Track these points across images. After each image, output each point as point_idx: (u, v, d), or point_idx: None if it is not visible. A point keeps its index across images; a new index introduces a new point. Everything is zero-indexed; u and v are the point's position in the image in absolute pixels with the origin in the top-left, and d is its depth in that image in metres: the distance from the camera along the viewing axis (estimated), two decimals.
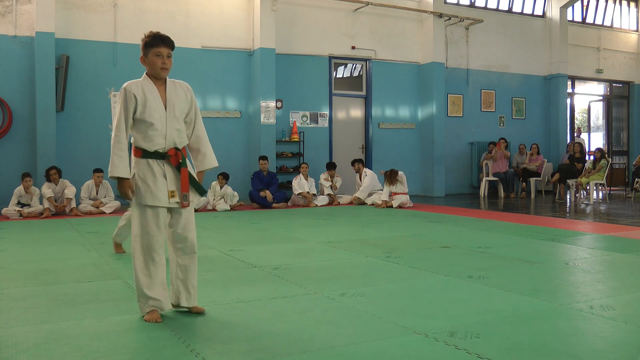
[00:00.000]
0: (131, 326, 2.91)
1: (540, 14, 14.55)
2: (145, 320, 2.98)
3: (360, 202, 10.56)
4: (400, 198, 9.78)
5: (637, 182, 12.08)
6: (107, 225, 7.54)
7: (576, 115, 17.36)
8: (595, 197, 11.47)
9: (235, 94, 11.12)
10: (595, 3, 15.61)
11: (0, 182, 9.29)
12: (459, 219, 7.96)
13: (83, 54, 9.92)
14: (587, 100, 16.84)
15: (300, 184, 10.40)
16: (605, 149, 15.75)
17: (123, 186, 2.99)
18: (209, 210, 9.47)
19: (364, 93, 12.45)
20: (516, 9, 14.25)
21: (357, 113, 12.45)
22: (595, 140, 17.16)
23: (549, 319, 3.02)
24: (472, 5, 13.60)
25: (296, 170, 11.08)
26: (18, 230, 7.03)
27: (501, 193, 12.39)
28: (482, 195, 12.37)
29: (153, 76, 3.07)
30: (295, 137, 11.41)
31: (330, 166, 10.90)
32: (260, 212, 9.21)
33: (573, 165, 11.87)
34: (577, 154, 12.28)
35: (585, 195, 11.72)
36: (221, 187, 9.68)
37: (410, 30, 12.78)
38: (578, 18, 15.38)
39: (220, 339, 2.70)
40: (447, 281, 3.95)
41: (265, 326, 2.91)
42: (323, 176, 10.85)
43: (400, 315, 3.07)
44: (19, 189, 8.69)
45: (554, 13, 14.36)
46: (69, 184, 8.94)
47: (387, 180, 9.96)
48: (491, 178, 12.54)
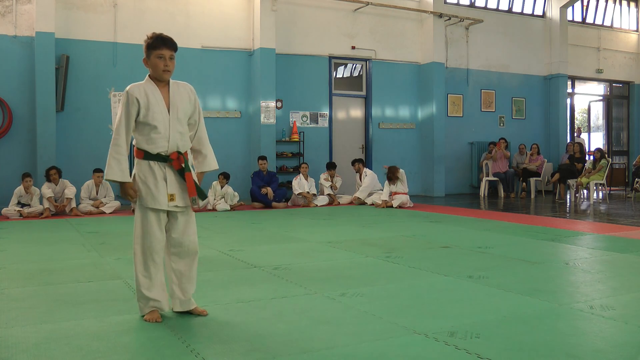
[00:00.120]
0: (131, 326, 2.91)
1: (540, 14, 14.56)
2: (146, 320, 2.98)
3: (360, 202, 10.56)
4: (400, 198, 9.78)
5: (637, 182, 12.08)
6: (107, 225, 7.55)
7: (576, 115, 17.36)
8: (595, 197, 11.47)
9: (235, 94, 11.12)
10: (595, 3, 15.61)
11: (0, 182, 9.29)
12: (459, 219, 7.96)
13: (83, 54, 9.92)
14: (587, 100, 16.85)
15: (300, 184, 10.40)
16: (605, 149, 15.75)
17: (125, 188, 2.98)
18: (209, 210, 9.47)
19: (364, 93, 12.45)
20: (516, 9, 14.25)
21: (357, 113, 12.45)
22: (595, 140, 17.17)
23: (549, 319, 3.01)
24: (472, 5, 13.60)
25: (296, 170, 11.08)
26: (18, 230, 7.03)
27: (501, 193, 12.39)
28: (482, 195, 12.37)
29: (156, 78, 3.05)
30: (295, 137, 11.41)
31: (330, 166, 10.90)
32: (260, 212, 9.21)
33: (573, 165, 11.87)
34: (577, 154, 12.28)
35: (586, 195, 11.72)
36: (222, 187, 9.69)
37: (410, 30, 12.79)
38: (578, 18, 15.38)
39: (220, 339, 2.70)
40: (447, 281, 3.94)
41: (265, 326, 2.90)
42: (323, 176, 10.85)
43: (400, 315, 3.07)
44: (19, 189, 8.69)
45: (554, 13, 14.36)
46: (69, 184, 8.94)
47: (388, 178, 9.96)
48: (491, 178, 12.54)
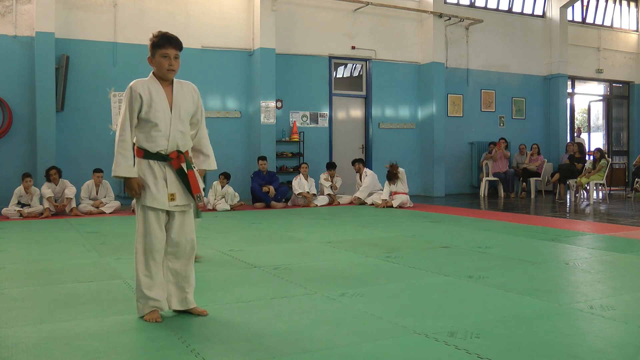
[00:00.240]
0: (131, 326, 2.91)
1: (540, 14, 14.55)
2: (145, 320, 2.97)
3: (360, 202, 10.55)
4: (401, 198, 9.78)
5: (637, 182, 12.08)
6: (107, 225, 7.55)
7: (576, 115, 17.35)
8: (595, 197, 11.47)
9: (235, 94, 11.12)
10: (595, 3, 15.61)
11: (0, 182, 9.29)
12: (459, 219, 7.96)
13: (83, 54, 9.92)
14: (587, 100, 16.84)
15: (300, 184, 10.40)
16: (605, 149, 15.75)
17: (131, 183, 2.96)
18: (209, 210, 9.47)
19: (364, 93, 12.45)
20: (516, 9, 14.25)
21: (357, 113, 12.44)
22: (595, 140, 17.16)
23: (549, 319, 3.01)
24: (472, 5, 13.60)
25: (296, 170, 11.08)
26: (18, 230, 7.03)
27: (501, 193, 12.39)
28: (482, 195, 12.37)
29: (160, 77, 3.05)
30: (295, 137, 11.40)
31: (330, 166, 10.90)
32: (260, 212, 9.21)
33: (573, 165, 11.87)
34: (577, 154, 12.28)
35: (586, 195, 11.72)
36: (222, 187, 9.69)
37: (410, 30, 12.78)
38: (578, 18, 15.37)
39: (220, 339, 2.70)
40: (447, 281, 3.94)
41: (265, 326, 2.90)
42: (323, 176, 10.85)
43: (400, 315, 3.07)
44: (19, 189, 8.69)
45: (554, 13, 14.36)
46: (69, 184, 8.94)
47: (388, 177, 9.97)
48: (491, 178, 12.54)
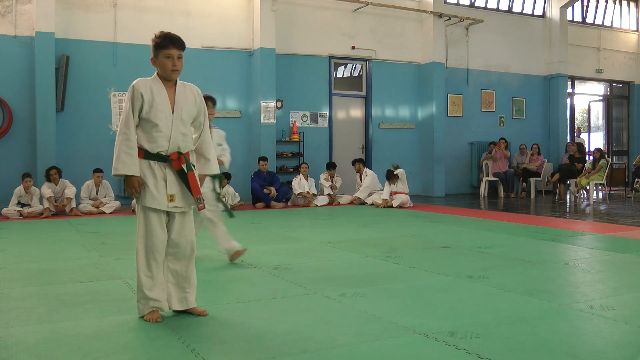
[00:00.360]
0: (131, 326, 2.91)
1: (540, 14, 14.55)
2: (146, 320, 2.97)
3: (360, 202, 10.55)
4: (401, 197, 9.78)
5: (637, 182, 12.08)
6: (107, 225, 7.55)
7: (576, 115, 17.35)
8: (595, 197, 11.46)
9: (235, 94, 11.12)
10: (595, 3, 15.60)
11: (0, 182, 9.29)
12: (459, 219, 7.96)
13: (83, 54, 9.92)
14: (587, 100, 16.84)
15: (300, 184, 10.40)
16: (605, 149, 15.75)
17: (132, 181, 2.93)
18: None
19: (364, 93, 12.45)
20: (516, 9, 14.24)
21: (357, 113, 12.44)
22: (595, 140, 17.16)
23: (549, 319, 3.01)
24: (472, 5, 13.60)
25: (296, 170, 11.08)
26: (18, 230, 7.03)
27: (501, 193, 12.39)
28: (482, 195, 12.36)
29: (164, 77, 3.04)
30: (295, 137, 11.40)
31: (330, 166, 10.90)
32: (260, 212, 9.21)
33: (573, 165, 11.87)
34: (577, 153, 12.28)
35: (586, 195, 11.71)
36: (222, 187, 9.69)
37: (410, 30, 12.78)
38: (578, 18, 15.37)
39: (220, 339, 2.70)
40: (447, 281, 3.94)
41: (265, 326, 2.90)
42: (323, 176, 10.85)
43: (400, 315, 3.07)
44: (19, 189, 8.68)
45: (554, 13, 14.35)
46: (69, 184, 8.94)
47: (387, 177, 10.00)
48: (491, 178, 12.53)
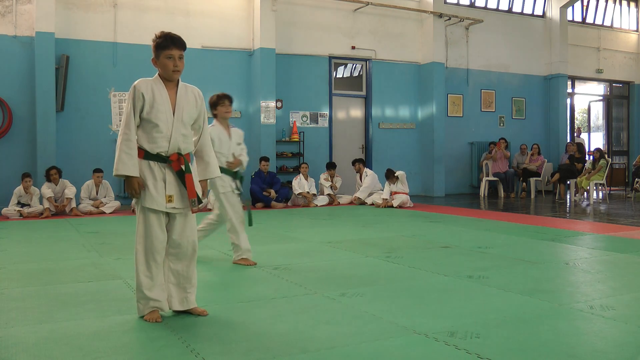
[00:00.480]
0: (131, 326, 2.91)
1: (540, 14, 14.55)
2: (146, 320, 2.97)
3: (360, 202, 10.55)
4: (401, 197, 9.78)
5: (637, 182, 12.08)
6: (107, 225, 7.54)
7: (576, 115, 17.35)
8: (595, 197, 11.46)
9: (235, 94, 11.06)
10: (595, 3, 15.60)
11: (0, 182, 9.29)
12: (459, 219, 7.96)
13: (83, 54, 9.92)
14: (587, 100, 16.84)
15: (300, 184, 10.40)
16: (605, 149, 15.75)
17: (132, 182, 2.94)
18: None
19: (364, 93, 12.45)
20: (516, 9, 14.24)
21: (357, 113, 12.44)
22: (595, 140, 17.16)
23: (549, 319, 3.01)
24: (472, 5, 13.60)
25: (296, 170, 11.08)
26: (18, 230, 7.03)
27: (501, 193, 12.39)
28: (482, 195, 12.36)
29: (165, 78, 3.03)
30: (295, 137, 11.40)
31: (330, 166, 10.90)
32: (260, 212, 9.21)
33: (573, 165, 11.87)
34: (577, 153, 12.28)
35: (586, 195, 11.71)
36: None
37: (410, 30, 12.78)
38: (578, 18, 15.37)
39: (220, 339, 2.70)
40: (447, 281, 3.94)
41: (265, 326, 2.90)
42: (323, 176, 10.85)
43: (400, 315, 3.07)
44: (19, 189, 8.68)
45: (554, 13, 14.35)
46: (69, 184, 8.94)
47: (386, 177, 10.03)
48: (491, 178, 12.53)
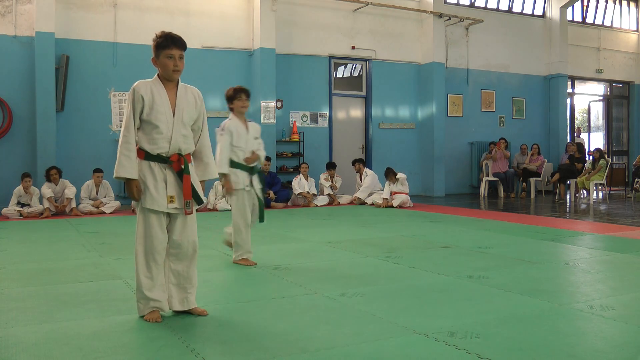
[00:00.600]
0: (131, 326, 2.91)
1: (540, 14, 14.55)
2: (146, 320, 2.97)
3: (360, 202, 10.56)
4: (401, 197, 9.79)
5: (637, 182, 12.08)
6: (107, 225, 7.55)
7: (576, 115, 17.35)
8: (595, 197, 11.46)
9: None
10: (595, 3, 15.60)
11: (0, 182, 9.29)
12: (459, 219, 7.96)
13: (83, 54, 9.92)
14: (587, 100, 16.84)
15: (300, 184, 10.41)
16: (605, 149, 15.75)
17: (130, 186, 2.96)
18: (210, 210, 9.46)
19: (364, 93, 12.45)
20: (516, 9, 14.24)
21: (357, 113, 12.44)
22: (595, 140, 17.16)
23: (549, 319, 3.01)
24: (472, 5, 13.60)
25: (296, 170, 11.08)
26: (18, 230, 7.03)
27: (501, 193, 12.39)
28: (482, 195, 12.36)
29: (165, 78, 3.03)
30: (295, 137, 11.40)
31: (330, 166, 10.90)
32: None
33: (573, 165, 11.87)
34: (577, 153, 12.28)
35: (586, 195, 11.71)
36: (223, 187, 9.67)
37: (410, 30, 12.78)
38: (578, 18, 15.37)
39: (220, 339, 2.70)
40: (447, 281, 3.94)
41: (265, 326, 2.90)
42: (323, 176, 10.85)
43: (400, 315, 3.07)
44: (19, 189, 8.68)
45: (554, 13, 14.35)
46: (69, 184, 8.94)
47: (385, 175, 10.05)
48: (491, 178, 12.53)
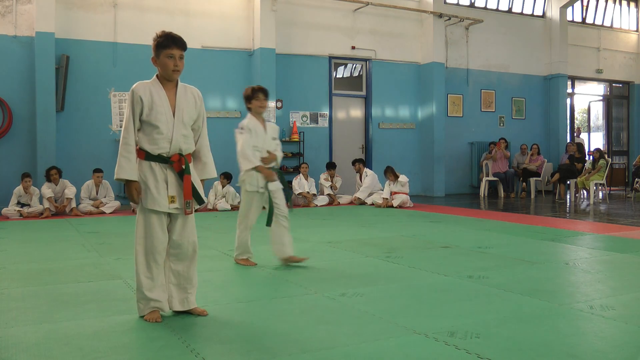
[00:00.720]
0: (131, 326, 2.91)
1: (540, 14, 14.55)
2: (146, 320, 2.97)
3: (360, 202, 10.56)
4: (401, 197, 9.79)
5: (637, 182, 12.08)
6: (107, 225, 7.55)
7: (576, 115, 17.35)
8: (595, 197, 11.46)
9: (235, 94, 11.10)
10: (595, 3, 15.60)
11: (0, 182, 9.29)
12: (459, 219, 7.96)
13: (83, 54, 9.92)
14: (587, 100, 16.84)
15: (300, 184, 10.41)
16: (605, 149, 15.75)
17: (130, 188, 2.96)
18: (210, 210, 9.46)
19: (364, 93, 12.45)
20: (516, 9, 14.24)
21: (357, 113, 12.44)
22: (595, 140, 17.15)
23: (549, 319, 3.01)
24: (472, 5, 13.60)
25: (296, 170, 11.08)
26: (18, 230, 7.03)
27: (501, 193, 12.39)
28: (482, 195, 12.36)
29: (164, 78, 3.03)
30: (295, 137, 11.40)
31: (330, 166, 10.90)
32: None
33: (573, 165, 11.87)
34: (577, 153, 12.28)
35: (586, 195, 11.71)
36: (223, 187, 9.70)
37: (410, 30, 12.78)
38: (578, 18, 15.37)
39: (220, 339, 2.70)
40: (447, 281, 3.94)
41: (265, 326, 2.91)
42: (323, 176, 10.86)
43: (400, 315, 3.07)
44: (19, 189, 8.68)
45: (554, 13, 14.35)
46: (69, 184, 8.94)
47: (385, 174, 10.06)
48: (491, 178, 12.53)
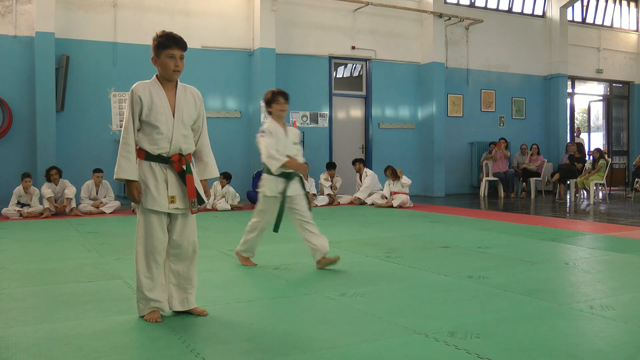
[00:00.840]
0: (131, 326, 2.91)
1: (540, 14, 14.55)
2: (146, 320, 2.97)
3: (360, 202, 10.56)
4: (401, 197, 9.79)
5: (637, 182, 12.08)
6: (107, 225, 7.55)
7: (576, 115, 17.35)
8: (595, 197, 11.46)
9: (235, 94, 11.11)
10: (595, 3, 15.60)
11: (0, 182, 9.29)
12: (459, 219, 7.96)
13: (83, 54, 9.92)
14: (587, 100, 16.84)
15: None
16: (605, 149, 15.75)
17: (130, 188, 2.96)
18: (209, 210, 9.46)
19: (364, 93, 12.45)
20: (516, 9, 14.24)
21: (357, 113, 12.44)
22: (595, 141, 17.16)
23: (549, 319, 3.01)
24: (472, 5, 13.60)
25: None
26: (18, 230, 7.03)
27: (501, 193, 12.39)
28: (482, 195, 12.36)
29: (164, 78, 3.02)
30: None
31: (330, 166, 10.90)
32: None
33: (573, 165, 11.87)
34: (577, 153, 12.28)
35: (586, 195, 11.71)
36: (222, 187, 9.69)
37: (410, 30, 12.78)
38: (578, 18, 15.37)
39: (220, 339, 2.70)
40: (447, 281, 3.94)
41: (265, 326, 2.91)
42: (323, 176, 10.85)
43: (400, 315, 3.07)
44: (19, 189, 8.68)
45: (554, 13, 14.35)
46: (69, 184, 8.94)
47: (385, 172, 10.06)
48: (491, 178, 12.54)
